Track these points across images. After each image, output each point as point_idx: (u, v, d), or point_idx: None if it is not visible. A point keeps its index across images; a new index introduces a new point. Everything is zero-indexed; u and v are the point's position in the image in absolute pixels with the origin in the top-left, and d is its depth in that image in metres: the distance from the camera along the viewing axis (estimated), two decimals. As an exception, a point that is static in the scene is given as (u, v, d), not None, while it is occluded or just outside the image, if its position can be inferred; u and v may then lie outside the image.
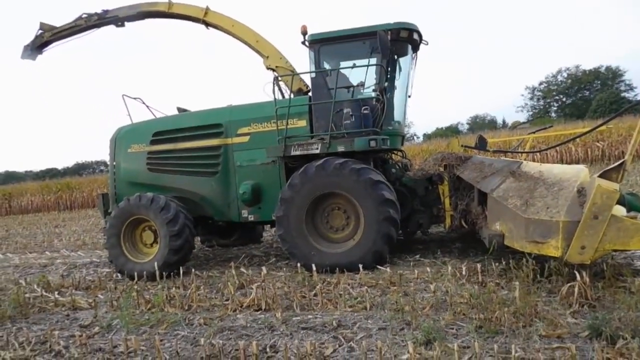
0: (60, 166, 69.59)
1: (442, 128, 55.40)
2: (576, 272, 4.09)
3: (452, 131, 51.12)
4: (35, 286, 6.39)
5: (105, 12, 9.09)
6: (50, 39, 9.50)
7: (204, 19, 8.50)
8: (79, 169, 63.08)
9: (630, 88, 54.62)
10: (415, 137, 46.70)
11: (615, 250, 4.36)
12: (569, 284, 4.09)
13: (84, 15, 9.21)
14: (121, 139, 7.80)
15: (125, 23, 9.29)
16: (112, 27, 9.36)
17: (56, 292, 6.11)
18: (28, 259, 9.60)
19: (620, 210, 4.26)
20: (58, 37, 9.49)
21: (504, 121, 63.17)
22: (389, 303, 4.52)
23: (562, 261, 4.25)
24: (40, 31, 9.50)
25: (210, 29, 8.72)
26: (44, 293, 6.03)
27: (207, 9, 8.50)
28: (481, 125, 61.94)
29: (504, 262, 5.14)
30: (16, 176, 56.98)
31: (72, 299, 5.66)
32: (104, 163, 58.10)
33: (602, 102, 48.64)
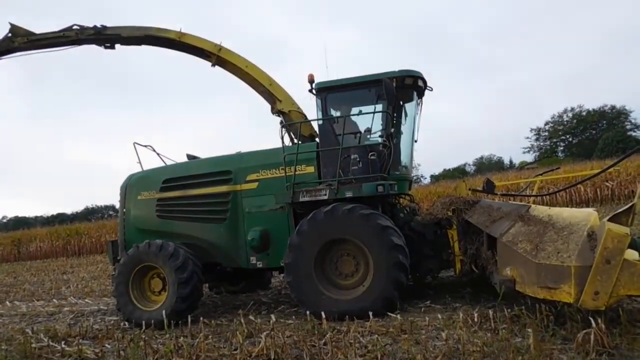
0: (69, 211, 70.20)
1: (449, 169, 55.62)
2: (591, 319, 4.00)
3: (459, 172, 51.26)
4: (42, 336, 6.33)
5: (104, 27, 8.19)
6: (22, 46, 8.08)
7: (218, 54, 8.05)
8: (88, 214, 63.60)
9: (636, 127, 54.96)
10: (422, 178, 46.80)
11: (630, 296, 4.28)
12: (584, 331, 3.99)
13: (76, 27, 8.12)
14: (132, 186, 7.92)
15: (116, 46, 8.37)
16: (93, 46, 8.29)
17: (63, 342, 6.03)
18: (35, 307, 9.55)
19: (632, 255, 4.21)
20: (34, 45, 8.12)
21: (510, 161, 63.44)
22: (400, 352, 4.42)
23: (576, 307, 4.17)
24: (9, 34, 8.06)
25: (217, 67, 8.24)
26: (51, 343, 5.95)
27: (221, 45, 8.08)
28: (488, 166, 62.08)
29: (516, 308, 5.05)
30: (26, 222, 57.40)
31: (79, 348, 5.58)
32: (113, 208, 58.49)
33: (608, 141, 48.86)
